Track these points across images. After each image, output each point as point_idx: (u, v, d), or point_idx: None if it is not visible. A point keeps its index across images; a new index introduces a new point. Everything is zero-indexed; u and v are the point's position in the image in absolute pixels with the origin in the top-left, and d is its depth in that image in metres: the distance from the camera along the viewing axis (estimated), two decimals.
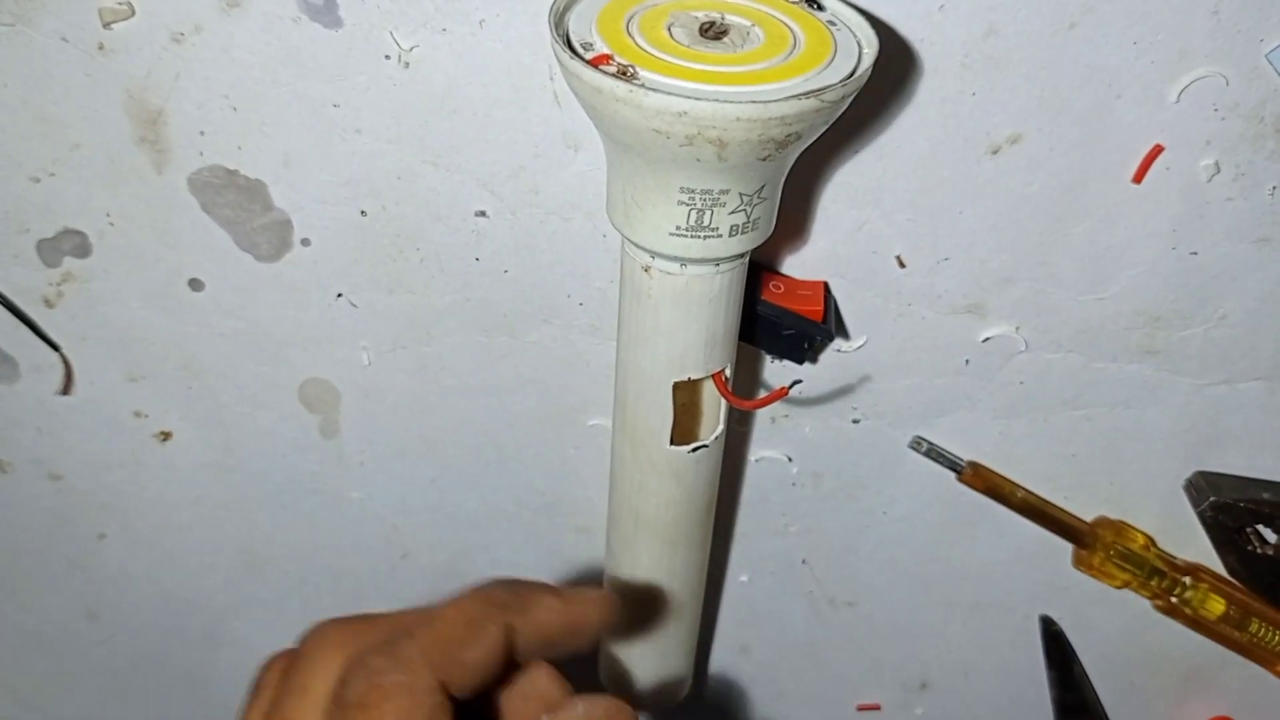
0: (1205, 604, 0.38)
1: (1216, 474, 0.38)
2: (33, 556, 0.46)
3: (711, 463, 0.34)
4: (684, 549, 0.36)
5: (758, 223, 0.28)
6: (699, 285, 0.28)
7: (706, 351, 0.30)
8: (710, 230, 0.27)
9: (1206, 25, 0.29)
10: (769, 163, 0.26)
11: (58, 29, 0.31)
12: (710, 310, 0.29)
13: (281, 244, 0.35)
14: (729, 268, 0.29)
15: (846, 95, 0.25)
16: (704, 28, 0.26)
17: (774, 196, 0.28)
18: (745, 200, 0.27)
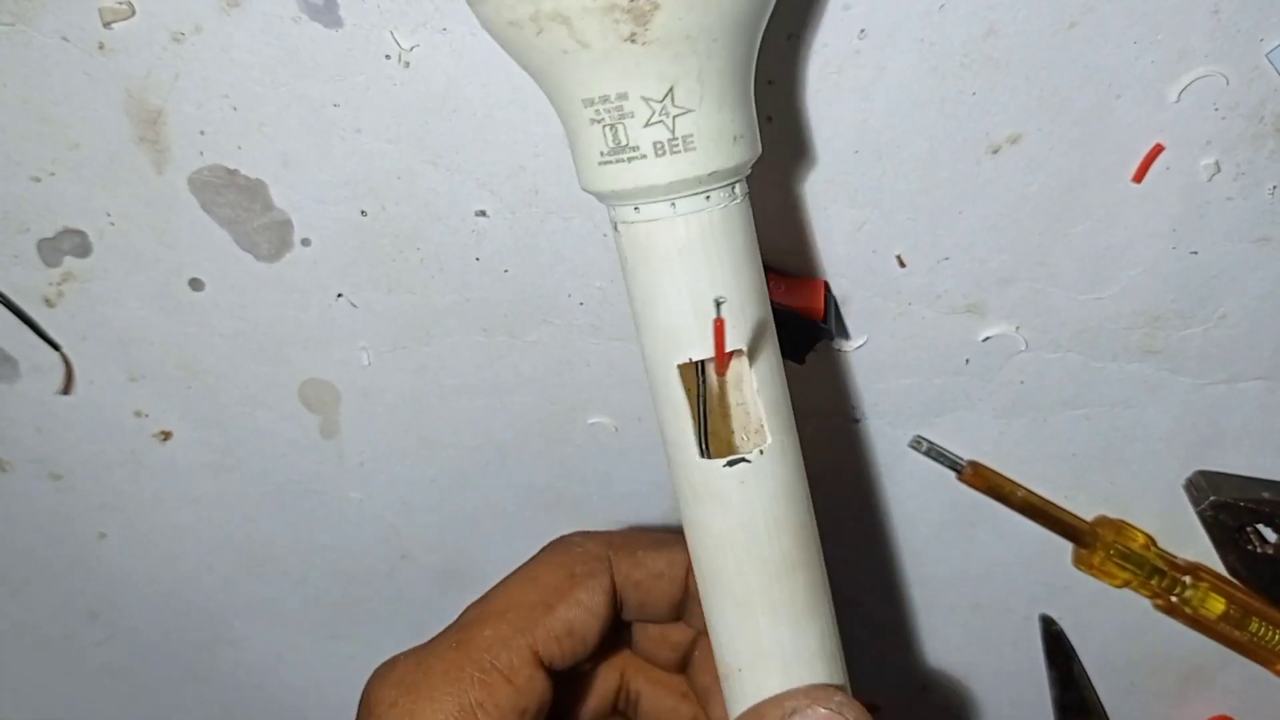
0: (1205, 603, 0.38)
1: (1216, 473, 0.38)
2: (33, 556, 0.46)
3: (772, 491, 0.27)
4: (764, 616, 0.27)
5: (690, 141, 0.24)
6: (658, 233, 0.25)
7: (699, 322, 0.25)
8: (633, 150, 0.24)
9: (1206, 25, 0.29)
10: (657, 47, 0.22)
11: (58, 29, 0.31)
12: (682, 264, 0.25)
13: (281, 244, 0.35)
14: (691, 210, 0.24)
15: None
16: None
17: (710, 111, 0.24)
18: (656, 108, 0.23)
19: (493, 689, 0.28)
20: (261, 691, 0.50)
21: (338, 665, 0.49)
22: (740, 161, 0.25)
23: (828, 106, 0.31)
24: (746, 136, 0.25)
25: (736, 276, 0.25)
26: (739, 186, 0.25)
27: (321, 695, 0.50)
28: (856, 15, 0.29)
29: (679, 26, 0.22)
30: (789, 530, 0.27)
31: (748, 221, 0.26)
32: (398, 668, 0.30)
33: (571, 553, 0.31)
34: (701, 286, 0.25)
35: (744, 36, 0.24)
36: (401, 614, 0.47)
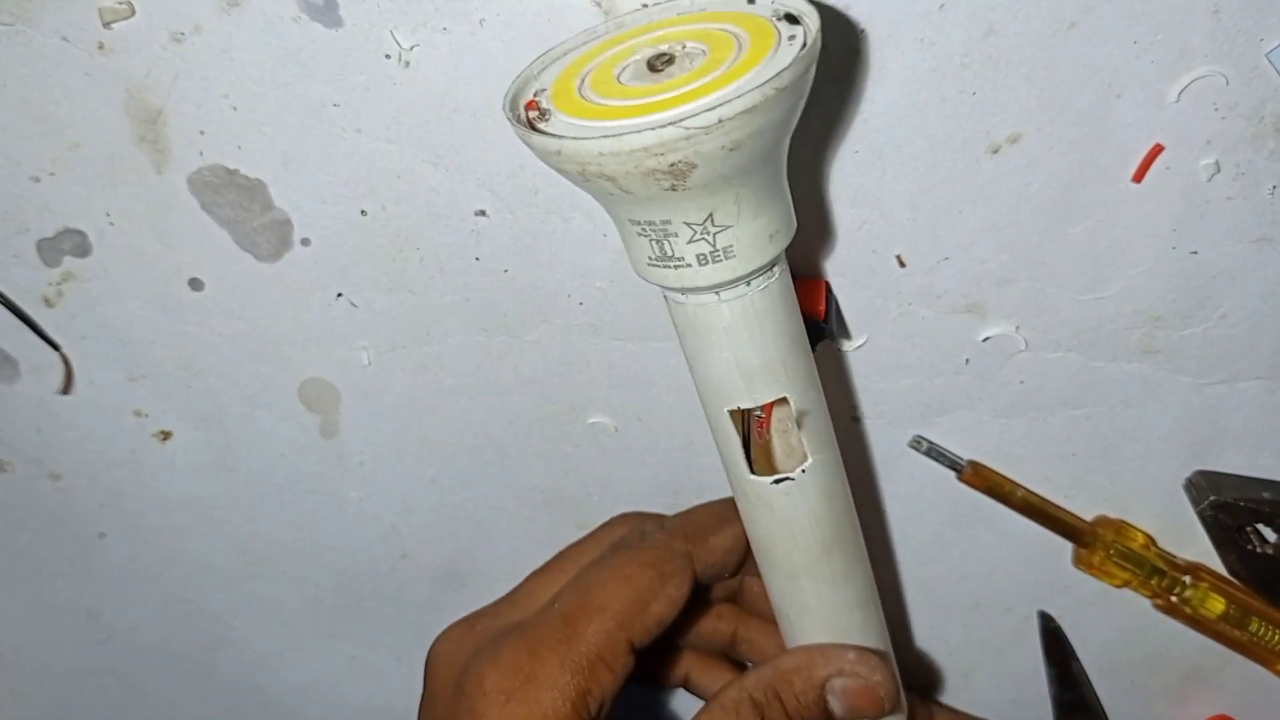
0: (1205, 603, 0.38)
1: (1216, 473, 0.38)
2: (33, 556, 0.46)
3: (813, 498, 0.31)
4: (808, 582, 0.33)
5: (731, 251, 0.26)
6: (705, 315, 0.28)
7: (745, 383, 0.29)
8: (679, 260, 0.26)
9: (1206, 25, 0.29)
10: (696, 191, 0.25)
11: (58, 29, 0.31)
12: (728, 340, 0.28)
13: (281, 244, 0.35)
14: (734, 296, 0.27)
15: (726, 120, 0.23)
16: (651, 63, 0.26)
17: (747, 221, 0.26)
18: (697, 230, 0.26)
19: (599, 677, 0.32)
20: (261, 691, 0.50)
21: (338, 665, 0.49)
22: (777, 253, 0.27)
23: (828, 107, 0.31)
24: (783, 226, 0.27)
25: (777, 340, 0.28)
26: (779, 265, 0.28)
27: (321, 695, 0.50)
28: (856, 15, 0.29)
29: (716, 174, 0.24)
30: (827, 522, 0.32)
31: (785, 289, 0.28)
32: (505, 654, 0.32)
33: (659, 551, 0.34)
34: (745, 355, 0.28)
35: (775, 154, 0.26)
36: (401, 614, 0.47)
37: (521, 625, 0.33)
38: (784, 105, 0.24)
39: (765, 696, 0.32)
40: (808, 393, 0.30)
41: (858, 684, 0.32)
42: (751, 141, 0.24)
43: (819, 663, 0.33)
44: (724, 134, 0.23)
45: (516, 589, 0.36)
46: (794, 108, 0.24)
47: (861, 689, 0.32)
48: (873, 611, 0.35)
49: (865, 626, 0.34)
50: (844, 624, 0.34)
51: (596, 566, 0.34)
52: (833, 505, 0.32)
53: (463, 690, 0.32)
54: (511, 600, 0.36)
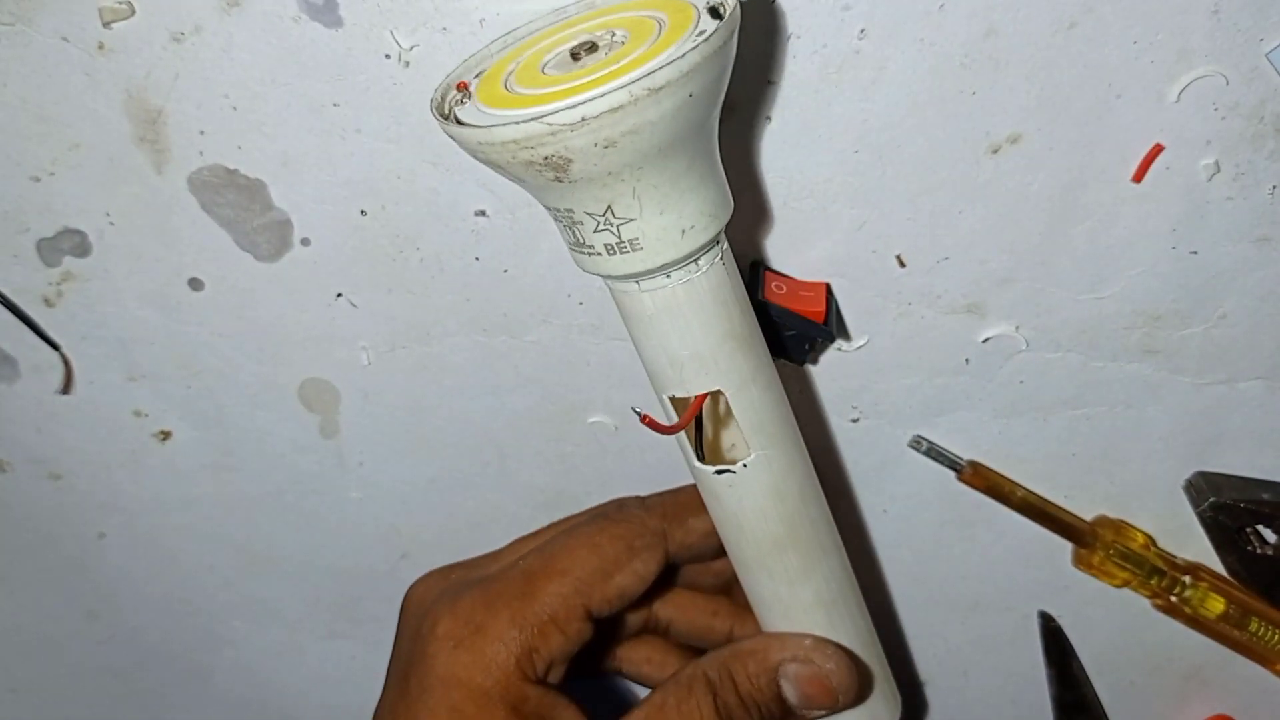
0: (1205, 603, 0.38)
1: (1216, 474, 0.38)
2: (33, 556, 0.46)
3: (758, 493, 0.31)
4: (763, 576, 0.33)
5: (637, 243, 0.26)
6: (630, 302, 0.28)
7: (675, 372, 0.29)
8: (590, 248, 0.27)
9: (1206, 25, 0.29)
10: (583, 184, 0.25)
11: (58, 29, 0.31)
12: (654, 329, 0.28)
13: (281, 244, 0.35)
14: (654, 287, 0.27)
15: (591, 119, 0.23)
16: (574, 52, 0.26)
17: (652, 216, 0.26)
18: (599, 220, 0.26)
19: (548, 638, 0.32)
20: (261, 691, 0.50)
21: (338, 665, 0.49)
22: (694, 248, 0.26)
23: (828, 106, 0.31)
24: (702, 223, 0.26)
25: (705, 333, 0.28)
26: (704, 258, 0.27)
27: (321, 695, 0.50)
28: (856, 15, 0.29)
29: (597, 170, 0.24)
30: (776, 519, 0.31)
31: (716, 282, 0.28)
32: (462, 602, 0.33)
33: (631, 525, 0.35)
34: (672, 345, 0.28)
35: (679, 149, 0.25)
36: None
37: (486, 579, 0.33)
38: (664, 105, 0.23)
39: (719, 676, 0.32)
40: (748, 388, 0.29)
41: (810, 671, 0.32)
42: (630, 140, 0.23)
43: (774, 647, 0.33)
44: (592, 132, 0.23)
45: (501, 548, 0.37)
46: (682, 107, 0.23)
47: (814, 676, 0.32)
48: (841, 611, 0.34)
49: (831, 626, 0.34)
50: (804, 621, 0.34)
51: (569, 532, 0.34)
52: (784, 503, 0.31)
53: (419, 633, 0.33)
54: (492, 556, 0.37)
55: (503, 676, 0.31)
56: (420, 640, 0.33)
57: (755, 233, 0.34)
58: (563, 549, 0.34)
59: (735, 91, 0.31)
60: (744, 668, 0.33)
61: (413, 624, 0.34)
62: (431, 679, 0.32)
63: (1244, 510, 0.37)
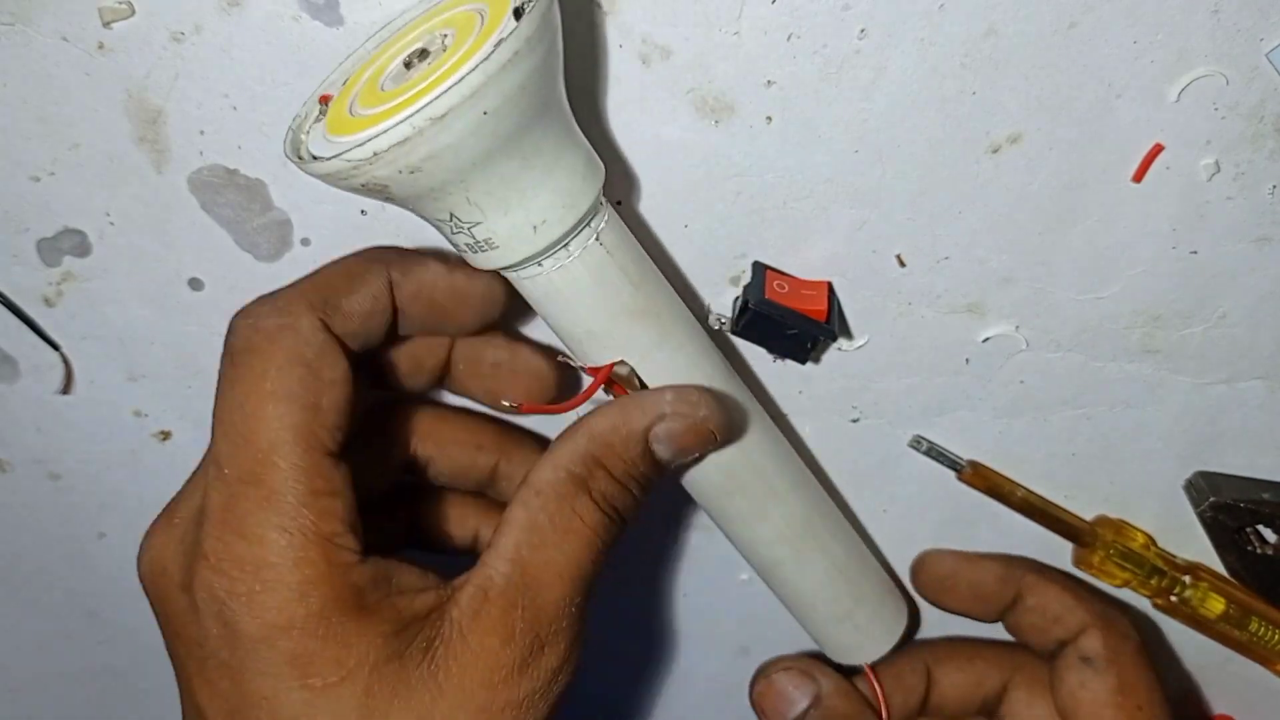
0: (1205, 603, 0.38)
1: (1216, 474, 0.38)
2: (33, 556, 0.46)
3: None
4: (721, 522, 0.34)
5: (491, 243, 0.26)
6: (518, 287, 0.29)
7: (578, 347, 0.30)
8: (458, 246, 0.27)
9: (1206, 25, 0.29)
10: (413, 199, 0.25)
11: (58, 28, 0.31)
12: (546, 311, 0.29)
13: (281, 244, 0.35)
14: (531, 275, 0.27)
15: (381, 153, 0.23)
16: (406, 61, 0.26)
17: (497, 217, 0.25)
18: (449, 226, 0.26)
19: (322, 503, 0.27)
20: None
21: None
22: (551, 240, 0.26)
23: (828, 106, 0.31)
24: (555, 215, 0.26)
25: (593, 312, 0.28)
26: (575, 243, 0.27)
27: None
28: (856, 15, 0.29)
29: (416, 190, 0.24)
30: (715, 469, 0.32)
31: (597, 266, 0.28)
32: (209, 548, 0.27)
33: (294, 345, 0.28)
34: (564, 324, 0.29)
35: (504, 158, 0.25)
36: None
37: (209, 510, 0.27)
38: (455, 129, 0.23)
39: (587, 468, 0.29)
40: (654, 353, 0.29)
41: (683, 424, 0.29)
42: (433, 164, 0.23)
43: (635, 416, 0.29)
44: (389, 164, 0.23)
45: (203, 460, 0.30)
46: (481, 124, 0.23)
47: (687, 429, 0.29)
48: (810, 544, 0.34)
49: (799, 554, 0.34)
50: (771, 556, 0.34)
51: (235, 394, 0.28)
52: (719, 455, 0.32)
53: (198, 608, 0.27)
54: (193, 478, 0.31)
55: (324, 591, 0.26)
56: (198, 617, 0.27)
57: (756, 232, 0.34)
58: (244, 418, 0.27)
59: (735, 92, 0.31)
60: (611, 450, 0.29)
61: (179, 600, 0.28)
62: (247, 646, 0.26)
63: (1244, 510, 0.37)
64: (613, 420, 0.29)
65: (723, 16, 0.29)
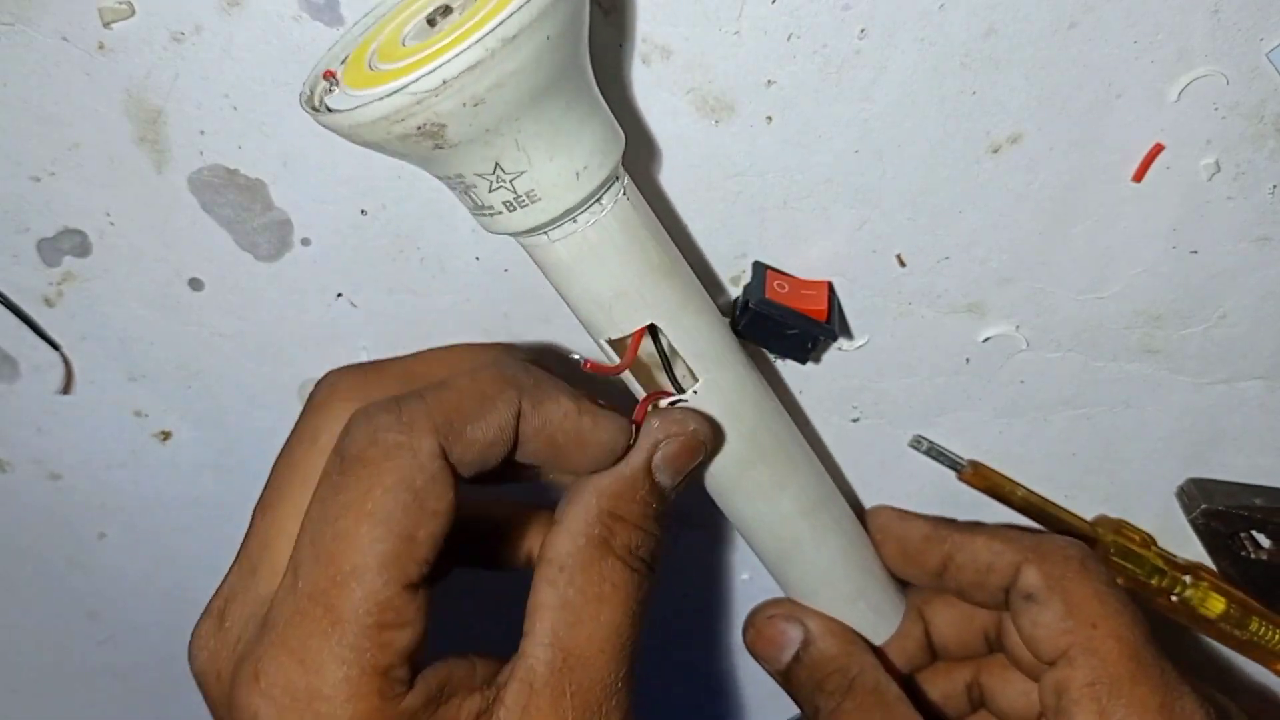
0: (1205, 603, 0.38)
1: (1208, 480, 0.38)
2: (33, 556, 0.46)
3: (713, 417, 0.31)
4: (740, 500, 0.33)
5: (534, 195, 0.26)
6: (545, 255, 0.28)
7: (605, 315, 0.29)
8: (490, 209, 0.26)
9: (1207, 25, 0.29)
10: (464, 146, 0.24)
11: (58, 29, 0.31)
12: (574, 277, 0.28)
13: (281, 244, 0.35)
14: (564, 235, 0.27)
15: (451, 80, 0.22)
16: (430, 18, 0.26)
17: (542, 164, 0.25)
18: (491, 180, 0.25)
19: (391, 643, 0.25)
20: None
21: None
22: (593, 188, 0.26)
23: (828, 106, 0.31)
24: (595, 161, 0.26)
25: (624, 270, 0.28)
26: (607, 196, 0.27)
27: None
28: (856, 15, 0.29)
29: (474, 129, 0.24)
30: (739, 438, 0.31)
31: (625, 217, 0.28)
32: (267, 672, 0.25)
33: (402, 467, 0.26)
34: (595, 288, 0.28)
35: (553, 96, 0.25)
36: None
37: (272, 622, 0.26)
38: (523, 52, 0.23)
39: (605, 526, 0.28)
40: (681, 314, 0.29)
41: (678, 443, 0.29)
42: (497, 94, 0.23)
43: (634, 455, 0.29)
44: (456, 93, 0.23)
45: (248, 543, 0.30)
46: (543, 51, 0.23)
47: (682, 449, 0.29)
48: (824, 517, 0.34)
49: (816, 529, 0.34)
50: (789, 533, 0.34)
51: (334, 504, 0.26)
52: (742, 421, 0.31)
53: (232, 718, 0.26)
54: (248, 565, 0.29)
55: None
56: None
57: (756, 232, 0.34)
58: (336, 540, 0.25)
59: (735, 92, 0.31)
60: (622, 498, 0.29)
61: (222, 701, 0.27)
62: None
63: (1236, 516, 0.37)
64: (619, 471, 0.29)
65: (723, 16, 0.29)
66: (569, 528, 0.28)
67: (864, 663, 0.36)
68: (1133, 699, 0.31)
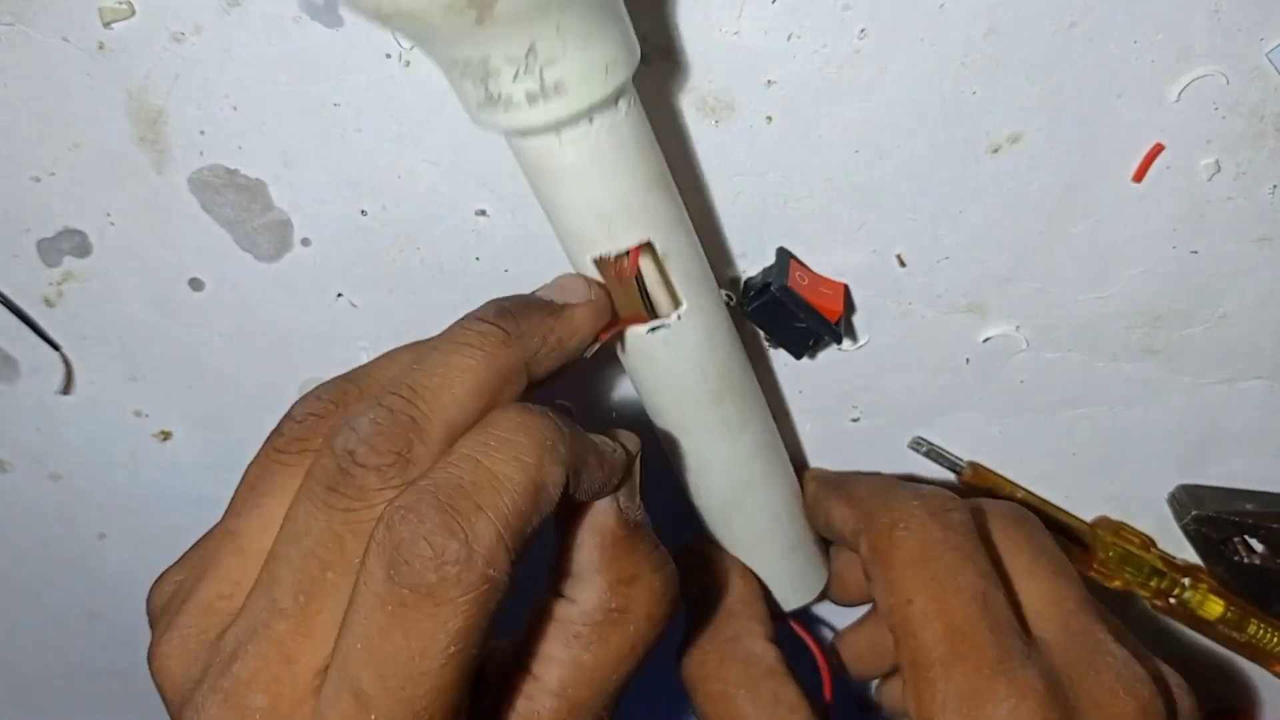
0: (1204, 605, 0.38)
1: (1199, 486, 0.38)
2: (33, 556, 0.46)
3: (693, 345, 0.30)
4: (703, 435, 0.32)
5: (562, 86, 0.24)
6: (550, 159, 0.26)
7: (603, 228, 0.27)
8: (506, 100, 0.25)
9: (1207, 24, 0.29)
10: (507, 21, 0.23)
11: (58, 29, 0.31)
12: (579, 183, 0.27)
13: (281, 244, 0.35)
14: (577, 137, 0.26)
15: None
16: None
17: (575, 52, 0.24)
18: (520, 65, 0.24)
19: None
20: None
21: None
22: (617, 85, 0.25)
23: (828, 106, 0.31)
24: (620, 58, 0.25)
25: (632, 180, 0.27)
26: (623, 101, 0.26)
27: None
28: (856, 15, 0.29)
29: (527, 1, 0.23)
30: (715, 371, 0.31)
31: (636, 126, 0.27)
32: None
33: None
34: (599, 198, 0.27)
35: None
36: None
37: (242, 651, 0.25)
38: None
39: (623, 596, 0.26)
40: (675, 234, 0.28)
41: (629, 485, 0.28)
42: None
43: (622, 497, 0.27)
44: None
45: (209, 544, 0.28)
46: None
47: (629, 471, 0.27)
48: (773, 456, 0.34)
49: (768, 473, 0.34)
50: (744, 475, 0.33)
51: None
52: (718, 353, 0.31)
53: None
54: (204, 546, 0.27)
55: None
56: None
57: (756, 232, 0.34)
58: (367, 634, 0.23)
59: (735, 92, 0.31)
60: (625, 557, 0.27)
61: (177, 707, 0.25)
62: None
63: (1228, 522, 0.37)
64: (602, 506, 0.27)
65: (723, 16, 0.29)
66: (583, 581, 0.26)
67: (741, 629, 0.34)
68: (949, 682, 0.28)
